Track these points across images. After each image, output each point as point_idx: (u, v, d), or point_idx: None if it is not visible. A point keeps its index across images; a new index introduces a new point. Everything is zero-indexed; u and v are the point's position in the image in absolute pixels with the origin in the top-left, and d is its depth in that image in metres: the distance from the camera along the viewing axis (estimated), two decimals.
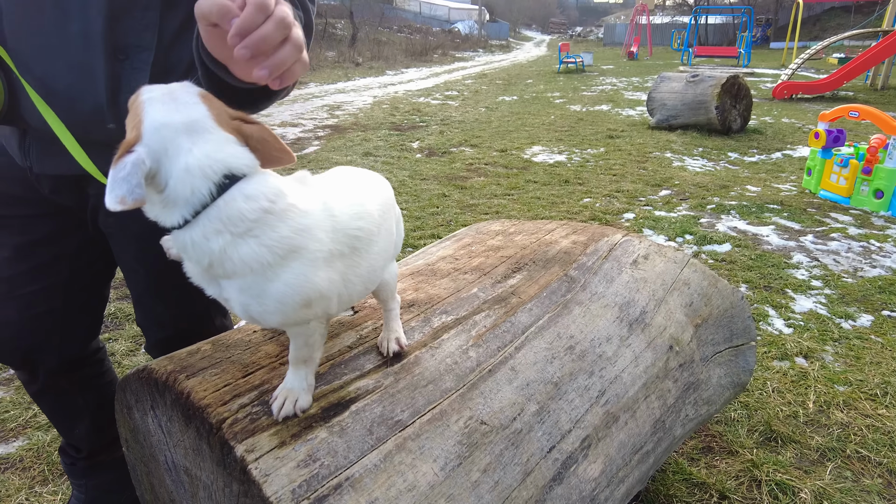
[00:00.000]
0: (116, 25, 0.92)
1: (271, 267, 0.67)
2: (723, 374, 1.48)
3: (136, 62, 0.94)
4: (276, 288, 0.68)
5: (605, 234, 1.49)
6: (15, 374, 2.26)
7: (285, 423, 0.76)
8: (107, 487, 1.49)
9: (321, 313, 0.75)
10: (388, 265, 0.91)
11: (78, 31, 0.90)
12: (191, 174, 0.65)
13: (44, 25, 0.90)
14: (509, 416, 0.94)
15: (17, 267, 1.16)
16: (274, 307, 0.69)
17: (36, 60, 0.91)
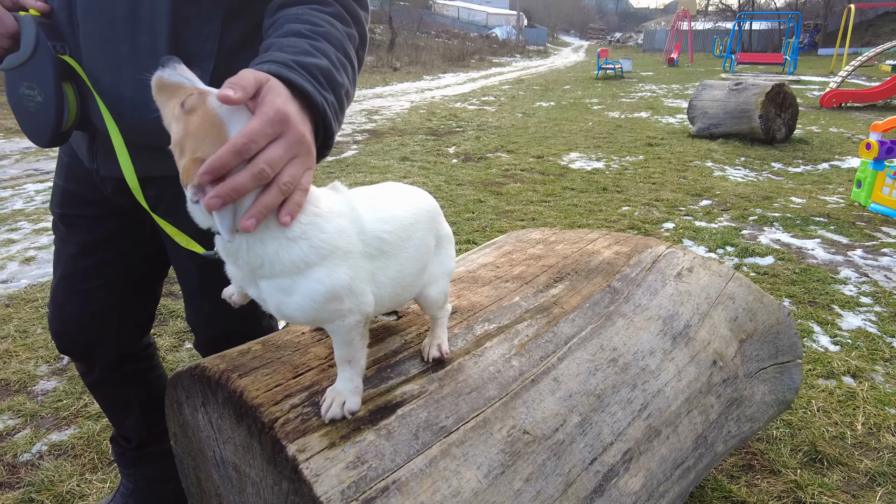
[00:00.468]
0: (180, 35, 0.97)
1: (310, 266, 0.72)
2: (767, 392, 1.45)
3: (197, 71, 0.97)
4: (304, 284, 0.72)
5: (648, 246, 1.48)
6: (69, 365, 2.36)
7: (334, 424, 0.78)
8: (154, 478, 1.54)
9: (353, 309, 0.77)
10: (432, 280, 0.92)
11: (146, 42, 0.95)
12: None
13: (115, 37, 0.95)
14: (552, 426, 0.94)
15: (81, 263, 1.23)
16: (304, 303, 0.73)
17: (106, 70, 0.97)
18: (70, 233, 1.23)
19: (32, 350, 2.48)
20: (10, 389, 2.21)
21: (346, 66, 0.90)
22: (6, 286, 3.14)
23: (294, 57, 0.81)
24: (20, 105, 0.97)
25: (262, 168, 0.67)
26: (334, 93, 0.84)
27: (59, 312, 1.29)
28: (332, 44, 0.88)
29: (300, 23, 0.88)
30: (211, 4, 0.97)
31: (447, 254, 0.96)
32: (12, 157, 6.31)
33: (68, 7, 0.96)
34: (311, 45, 0.85)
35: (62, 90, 0.94)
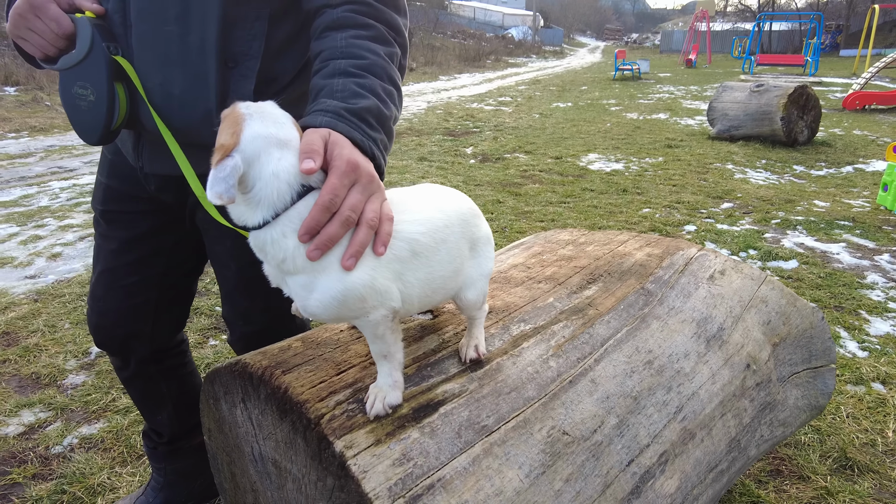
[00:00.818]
0: (229, 35, 0.99)
1: (328, 265, 0.74)
2: (800, 396, 1.43)
3: (244, 70, 1.00)
4: (323, 282, 0.75)
5: (679, 248, 1.47)
6: (97, 360, 2.40)
7: (379, 421, 0.79)
8: (184, 472, 1.56)
9: (377, 305, 0.78)
10: (469, 282, 0.93)
11: (195, 42, 0.97)
12: (278, 179, 0.73)
13: (166, 37, 0.98)
14: (590, 427, 0.94)
15: (121, 259, 1.26)
16: (324, 300, 0.75)
17: (157, 68, 0.99)
18: (111, 229, 1.26)
19: (61, 345, 2.52)
20: (41, 383, 2.26)
21: (392, 93, 0.93)
22: (34, 282, 3.20)
23: (344, 104, 0.85)
24: (73, 104, 0.99)
25: (348, 215, 0.75)
26: (383, 128, 0.89)
27: (98, 307, 1.32)
28: (376, 75, 0.91)
29: (345, 58, 0.91)
30: (258, 5, 0.99)
31: (485, 256, 0.96)
32: (37, 154, 6.43)
33: (122, 9, 0.98)
34: (358, 83, 0.88)
35: (114, 89, 0.96)
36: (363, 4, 0.96)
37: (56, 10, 0.95)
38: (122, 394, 2.17)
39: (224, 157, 0.71)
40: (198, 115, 1.01)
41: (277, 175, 0.73)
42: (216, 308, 2.85)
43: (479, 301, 0.96)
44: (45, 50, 0.97)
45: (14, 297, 2.99)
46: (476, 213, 0.96)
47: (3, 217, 4.27)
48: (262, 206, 0.73)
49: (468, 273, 0.93)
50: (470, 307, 0.95)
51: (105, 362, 2.38)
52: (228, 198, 0.70)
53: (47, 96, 9.88)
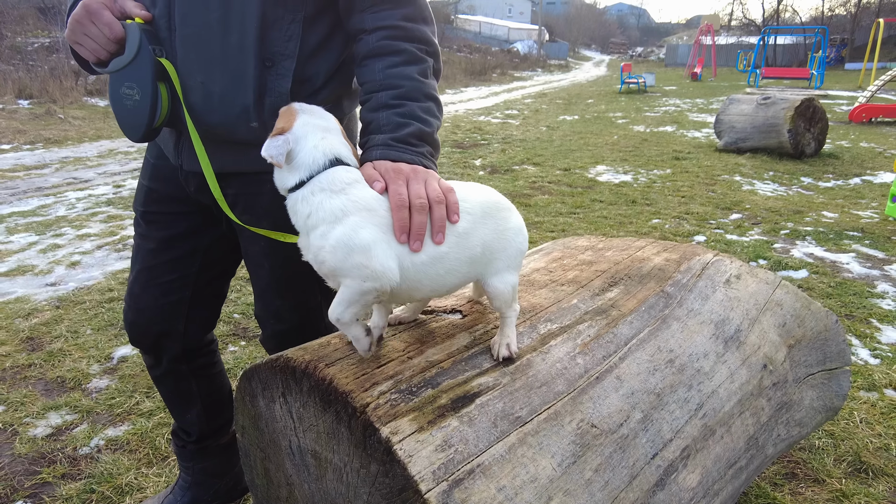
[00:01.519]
0: (266, 36, 1.06)
1: (347, 215, 0.88)
2: (815, 397, 1.46)
3: (280, 69, 1.07)
4: (339, 230, 0.87)
5: (696, 253, 1.51)
6: (119, 365, 2.45)
7: (421, 410, 0.83)
8: (211, 471, 1.60)
9: (376, 275, 0.87)
10: (495, 272, 0.98)
11: (235, 42, 1.05)
12: (316, 150, 0.91)
13: (208, 39, 1.05)
14: (617, 421, 0.98)
15: (159, 258, 1.31)
16: (336, 245, 0.87)
17: (199, 67, 1.07)
18: (150, 229, 1.32)
19: (84, 350, 2.57)
20: (66, 386, 2.31)
21: (430, 108, 1.05)
22: (55, 289, 3.26)
23: (391, 135, 1.01)
24: (119, 103, 1.07)
25: (419, 203, 0.90)
26: (427, 142, 1.03)
27: (134, 304, 1.37)
28: (413, 99, 1.04)
29: (384, 90, 1.04)
30: (294, 8, 1.06)
31: (514, 247, 1.00)
32: (52, 165, 6.54)
33: (168, 14, 1.06)
34: (399, 114, 1.02)
35: (157, 89, 1.04)
36: (394, 28, 1.06)
37: (109, 15, 1.03)
38: (144, 397, 2.22)
39: (277, 135, 0.89)
40: (236, 111, 1.08)
41: (317, 147, 0.91)
42: (234, 315, 2.90)
43: (508, 294, 1.00)
44: (98, 54, 1.05)
45: (36, 303, 3.05)
46: (502, 206, 1.01)
47: (23, 226, 4.36)
48: (300, 170, 0.90)
49: (495, 264, 0.98)
50: (498, 297, 0.99)
51: (127, 367, 2.43)
52: (277, 161, 0.88)
53: (60, 109, 10.05)
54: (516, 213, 1.04)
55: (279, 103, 1.09)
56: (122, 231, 4.24)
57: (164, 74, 1.07)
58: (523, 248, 1.03)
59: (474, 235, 0.95)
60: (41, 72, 11.79)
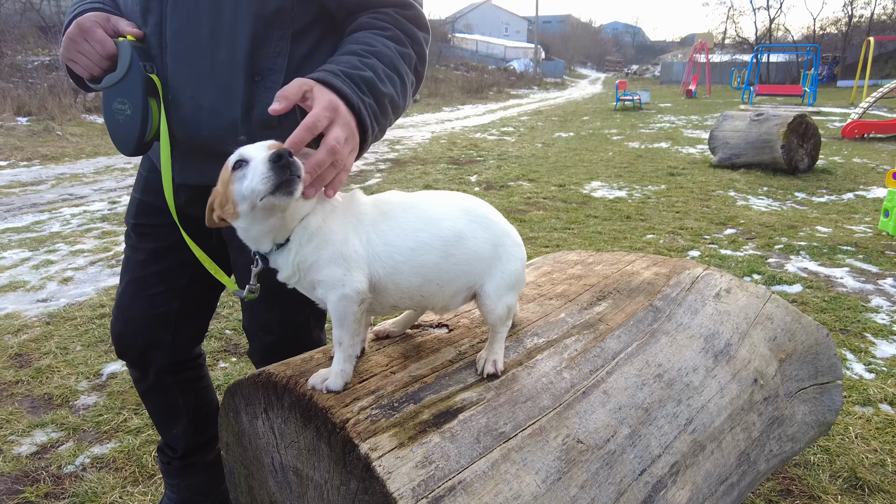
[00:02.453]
0: (256, 52, 1.07)
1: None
2: (807, 412, 1.45)
3: (268, 83, 1.08)
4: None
5: (685, 267, 1.51)
6: (108, 381, 2.42)
7: (402, 425, 0.82)
8: (196, 489, 1.58)
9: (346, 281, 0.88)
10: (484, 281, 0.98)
11: (224, 58, 1.06)
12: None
13: (198, 54, 1.07)
14: (603, 436, 0.97)
15: (148, 269, 1.31)
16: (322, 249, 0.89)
17: (189, 82, 1.08)
18: (140, 241, 1.32)
19: (73, 366, 2.55)
20: (53, 403, 2.28)
21: (394, 79, 1.03)
22: (46, 305, 3.24)
23: (341, 68, 0.96)
24: (112, 118, 1.08)
25: (333, 145, 0.87)
26: (375, 99, 0.98)
27: (122, 315, 1.36)
28: (381, 61, 1.01)
29: (356, 44, 1.03)
30: (284, 25, 1.07)
31: (510, 263, 0.99)
32: (48, 182, 6.54)
33: (159, 32, 1.08)
34: (361, 61, 0.99)
35: (148, 104, 1.05)
36: (385, 14, 1.08)
37: (101, 33, 1.05)
38: (133, 414, 2.19)
39: None
40: (224, 124, 1.09)
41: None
42: (226, 331, 2.88)
43: (501, 308, 0.98)
44: (91, 70, 1.07)
45: (27, 319, 3.03)
46: (490, 217, 1.00)
47: (16, 242, 4.34)
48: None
49: (492, 279, 0.97)
50: (489, 309, 0.98)
51: (116, 384, 2.40)
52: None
53: (58, 126, 10.08)
54: (505, 225, 1.03)
55: (267, 116, 1.10)
56: (115, 247, 4.23)
57: (154, 90, 1.08)
58: (520, 269, 1.01)
59: (455, 236, 0.94)
60: (40, 89, 11.85)
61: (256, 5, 1.05)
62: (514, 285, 0.99)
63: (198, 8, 1.05)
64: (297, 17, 1.10)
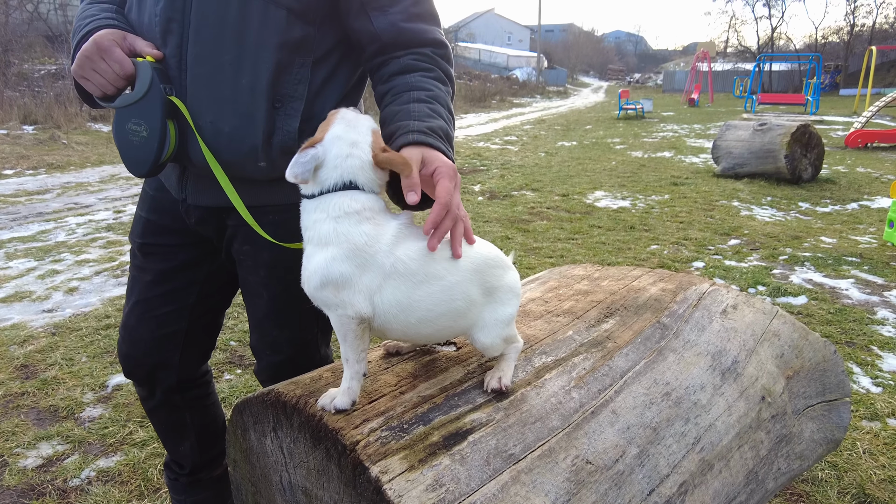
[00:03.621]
0: (279, 79, 1.08)
1: (328, 245, 0.89)
2: (815, 429, 1.44)
3: (289, 109, 1.08)
4: (319, 256, 0.89)
5: (692, 283, 1.51)
6: (113, 393, 2.43)
7: (412, 447, 0.82)
8: None
9: (345, 304, 0.89)
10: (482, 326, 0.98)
11: (247, 84, 1.07)
12: (335, 170, 0.92)
13: (220, 80, 1.07)
14: (612, 457, 0.97)
15: (156, 290, 1.31)
16: (312, 272, 0.90)
17: (210, 107, 1.08)
18: (147, 261, 1.31)
19: (78, 378, 2.55)
20: (59, 416, 2.28)
21: (452, 120, 1.08)
22: (52, 315, 3.25)
23: (426, 123, 1.01)
24: (125, 138, 1.07)
25: (457, 214, 0.93)
26: (449, 142, 1.05)
27: (129, 336, 1.36)
28: (442, 104, 1.07)
29: (416, 90, 1.07)
30: (306, 53, 1.09)
31: (505, 304, 0.99)
32: (54, 191, 6.58)
33: (179, 54, 1.07)
34: (431, 108, 1.04)
35: (166, 126, 1.05)
36: (425, 56, 1.11)
37: (120, 53, 1.05)
38: (138, 427, 2.19)
39: (308, 147, 0.91)
40: (244, 150, 1.09)
41: (337, 167, 0.92)
42: (231, 343, 2.88)
43: (496, 346, 1.00)
44: (105, 89, 1.06)
45: (32, 330, 3.04)
46: (497, 263, 1.00)
47: (22, 252, 4.36)
48: (317, 183, 0.92)
49: (482, 318, 0.98)
50: (484, 350, 1.00)
51: (121, 396, 2.40)
52: (303, 179, 0.91)
53: (64, 135, 10.14)
54: (512, 270, 1.03)
55: (287, 142, 1.11)
56: (120, 257, 4.25)
57: (173, 112, 1.08)
58: (514, 303, 1.01)
59: (459, 289, 0.94)
60: (46, 98, 11.93)
61: (281, 33, 1.07)
62: (503, 321, 0.99)
63: (222, 33, 1.06)
64: (318, 45, 1.12)
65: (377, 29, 1.10)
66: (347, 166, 0.92)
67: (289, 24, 1.07)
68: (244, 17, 1.05)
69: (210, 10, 1.05)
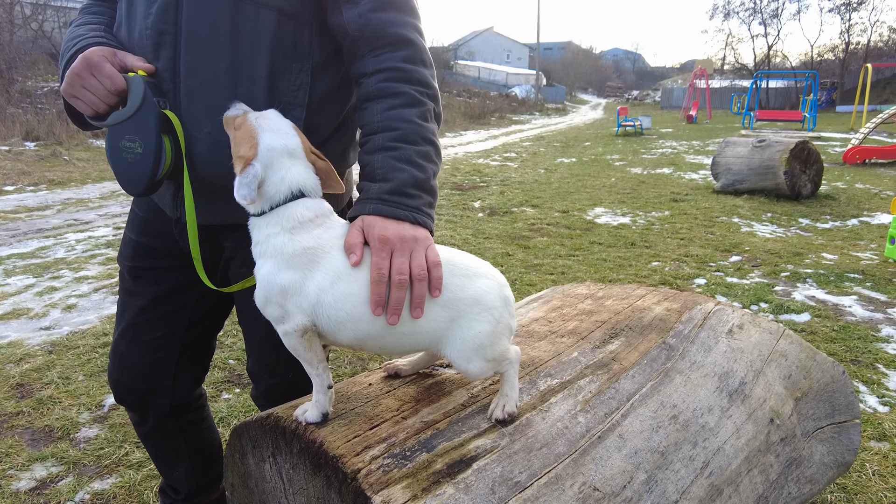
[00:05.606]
0: (276, 86, 1.06)
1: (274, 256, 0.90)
2: (825, 452, 1.42)
3: (290, 118, 1.06)
4: (264, 270, 0.91)
5: (696, 302, 1.49)
6: (110, 413, 2.39)
7: (415, 476, 0.80)
8: None
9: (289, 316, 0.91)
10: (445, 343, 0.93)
11: (244, 92, 1.04)
12: (282, 182, 0.92)
13: (216, 89, 1.04)
14: (620, 483, 0.94)
15: (146, 314, 1.28)
16: (261, 284, 0.92)
17: (207, 118, 1.05)
18: (137, 284, 1.28)
19: (75, 397, 2.52)
20: (54, 436, 2.24)
21: (428, 153, 1.03)
22: (49, 333, 3.22)
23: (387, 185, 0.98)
24: (119, 157, 1.04)
25: (399, 279, 0.89)
26: (423, 190, 1.00)
27: (120, 362, 1.32)
28: (410, 142, 1.01)
29: (382, 132, 1.02)
30: (302, 57, 1.07)
31: (472, 319, 0.92)
32: (54, 207, 6.57)
33: (172, 67, 1.05)
34: (395, 156, 1.00)
35: (162, 141, 1.02)
36: (393, 70, 1.04)
37: (111, 68, 1.02)
38: (134, 447, 2.15)
39: (246, 167, 0.90)
40: None
41: (283, 179, 0.92)
42: (230, 361, 2.85)
43: (477, 369, 0.92)
44: (96, 106, 1.03)
45: (29, 348, 3.01)
46: (457, 271, 0.93)
47: (21, 269, 4.34)
48: (264, 200, 0.93)
49: (444, 334, 0.92)
50: (467, 374, 0.94)
51: (118, 415, 2.37)
52: (251, 199, 0.90)
53: (65, 151, 10.17)
54: (477, 280, 0.94)
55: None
56: None
57: (168, 126, 1.05)
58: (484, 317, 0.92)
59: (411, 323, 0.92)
60: (49, 115, 11.99)
61: (274, 36, 1.04)
62: (480, 347, 0.91)
63: (215, 42, 1.03)
64: (317, 49, 1.09)
65: (346, 21, 1.04)
66: (292, 177, 0.93)
67: (280, 25, 1.04)
68: (236, 23, 1.03)
69: (201, 19, 1.02)
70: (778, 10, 39.26)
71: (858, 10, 42.74)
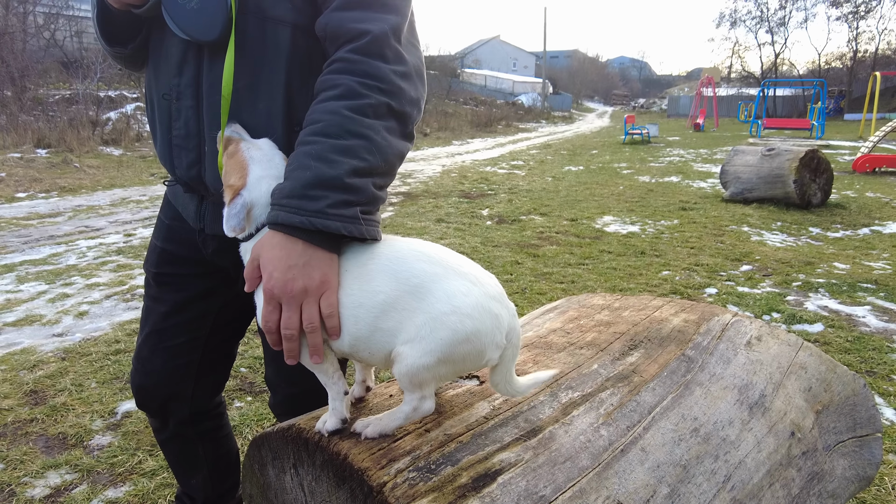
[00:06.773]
0: (292, 101, 1.07)
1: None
2: (847, 466, 1.40)
3: None
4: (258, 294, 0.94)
5: (714, 314, 1.48)
6: (123, 420, 2.40)
7: (441, 490, 0.79)
8: None
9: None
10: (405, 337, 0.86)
11: (264, 109, 1.06)
12: (269, 206, 0.94)
13: (237, 105, 1.05)
14: (643, 497, 0.93)
15: (170, 320, 1.29)
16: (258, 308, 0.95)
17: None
18: (162, 291, 1.30)
19: (88, 404, 2.53)
20: (68, 444, 2.25)
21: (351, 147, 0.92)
22: (62, 340, 3.24)
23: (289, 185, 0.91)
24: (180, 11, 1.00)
25: (288, 334, 0.91)
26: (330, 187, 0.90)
27: (143, 367, 1.34)
28: (329, 135, 0.92)
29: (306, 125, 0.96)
30: (317, 72, 1.07)
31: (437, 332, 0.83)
32: (65, 214, 6.63)
33: (196, 83, 1.07)
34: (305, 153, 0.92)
35: None
36: (338, 62, 0.98)
37: None
38: (147, 455, 2.16)
39: (235, 196, 0.93)
40: None
41: (270, 203, 0.94)
42: (241, 369, 2.85)
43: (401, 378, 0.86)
44: None
45: (42, 354, 3.02)
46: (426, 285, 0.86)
47: (33, 275, 4.37)
48: (253, 223, 0.95)
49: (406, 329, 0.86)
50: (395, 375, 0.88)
51: (131, 423, 2.38)
52: (240, 230, 0.94)
53: (76, 158, 10.27)
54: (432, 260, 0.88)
55: None
56: (130, 280, 4.25)
57: None
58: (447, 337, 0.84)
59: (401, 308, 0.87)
60: (60, 122, 12.11)
61: (290, 52, 1.05)
62: (433, 351, 0.84)
63: (237, 60, 1.04)
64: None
65: (319, 24, 1.01)
66: None
67: (295, 40, 1.05)
68: (254, 40, 1.04)
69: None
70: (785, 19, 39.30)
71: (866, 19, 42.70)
